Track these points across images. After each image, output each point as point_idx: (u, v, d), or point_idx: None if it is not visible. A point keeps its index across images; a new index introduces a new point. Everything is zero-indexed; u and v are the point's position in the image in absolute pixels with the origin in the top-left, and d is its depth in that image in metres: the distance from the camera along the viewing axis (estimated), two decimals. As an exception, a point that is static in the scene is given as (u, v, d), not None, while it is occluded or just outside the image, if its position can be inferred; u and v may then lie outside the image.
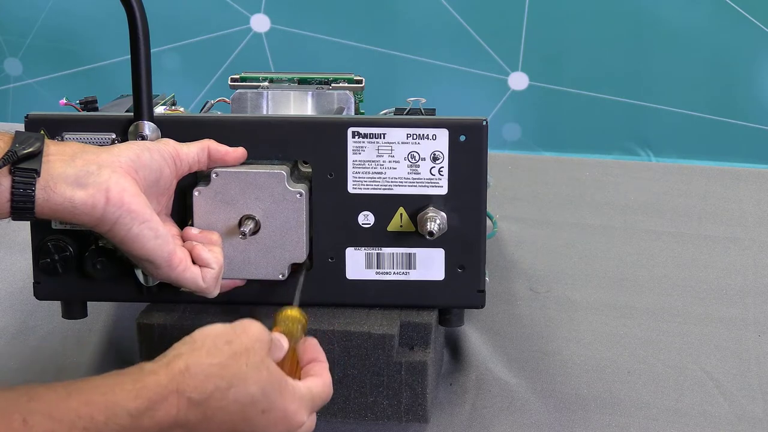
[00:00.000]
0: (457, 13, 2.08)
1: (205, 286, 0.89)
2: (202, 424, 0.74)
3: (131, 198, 0.83)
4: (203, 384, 0.74)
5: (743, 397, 1.01)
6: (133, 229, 0.84)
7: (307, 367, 0.84)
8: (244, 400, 0.75)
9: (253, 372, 0.76)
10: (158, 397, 0.72)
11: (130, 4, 0.89)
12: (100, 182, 0.82)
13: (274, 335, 0.82)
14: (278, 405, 0.77)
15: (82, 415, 0.70)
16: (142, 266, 0.89)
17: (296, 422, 0.79)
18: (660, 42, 2.03)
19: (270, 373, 0.77)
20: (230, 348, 0.76)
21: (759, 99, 2.02)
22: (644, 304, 1.16)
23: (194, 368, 0.74)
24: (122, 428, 0.71)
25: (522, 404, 1.01)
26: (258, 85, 1.10)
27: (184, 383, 0.73)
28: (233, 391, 0.75)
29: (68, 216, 0.82)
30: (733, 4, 1.97)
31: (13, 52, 2.43)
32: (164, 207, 0.92)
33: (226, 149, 0.93)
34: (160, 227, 0.86)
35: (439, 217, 0.94)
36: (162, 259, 0.86)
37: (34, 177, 0.81)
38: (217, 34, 2.23)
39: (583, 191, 1.45)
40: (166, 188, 0.90)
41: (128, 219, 0.83)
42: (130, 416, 0.71)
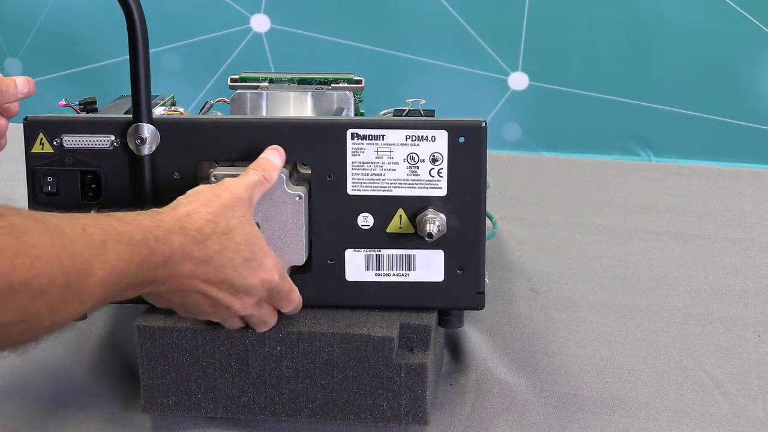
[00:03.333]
0: (457, 13, 2.08)
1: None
2: (202, 265, 0.85)
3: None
4: (203, 226, 0.85)
5: (743, 397, 1.01)
6: None
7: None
8: (232, 247, 0.86)
9: (239, 224, 0.87)
10: (172, 229, 0.83)
11: (128, 5, 0.89)
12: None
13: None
14: (257, 257, 0.88)
15: (123, 231, 0.78)
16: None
17: (270, 276, 0.89)
18: (660, 42, 2.03)
19: (252, 227, 0.89)
20: (219, 201, 0.87)
21: (759, 99, 2.02)
22: (644, 304, 1.16)
23: (194, 214, 0.85)
24: (152, 250, 0.80)
25: (522, 404, 1.01)
26: (258, 85, 1.10)
27: (187, 224, 0.84)
28: (225, 238, 0.86)
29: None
30: (734, 5, 1.97)
31: (13, 52, 2.43)
32: None
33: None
34: None
35: (439, 218, 0.94)
36: None
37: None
38: (217, 34, 2.24)
39: (583, 191, 1.45)
40: None
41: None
42: (156, 239, 0.80)
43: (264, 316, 0.92)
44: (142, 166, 0.95)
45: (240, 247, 0.87)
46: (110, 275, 0.75)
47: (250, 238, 0.88)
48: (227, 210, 0.87)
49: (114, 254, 0.76)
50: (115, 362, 1.08)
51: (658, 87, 2.06)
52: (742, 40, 1.99)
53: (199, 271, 0.85)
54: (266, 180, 0.92)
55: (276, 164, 0.93)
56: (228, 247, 0.86)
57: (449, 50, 2.11)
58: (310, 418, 0.96)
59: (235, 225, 0.87)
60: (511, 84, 2.11)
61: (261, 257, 0.89)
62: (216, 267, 0.85)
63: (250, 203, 0.90)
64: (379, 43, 2.14)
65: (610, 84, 2.07)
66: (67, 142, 0.95)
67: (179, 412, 0.97)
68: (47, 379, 1.06)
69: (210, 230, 0.85)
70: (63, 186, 0.96)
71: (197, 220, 0.85)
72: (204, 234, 0.85)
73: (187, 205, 0.86)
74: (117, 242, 0.77)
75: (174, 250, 0.82)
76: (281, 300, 0.92)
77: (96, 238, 0.75)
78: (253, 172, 0.92)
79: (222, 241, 0.86)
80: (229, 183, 0.90)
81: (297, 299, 0.94)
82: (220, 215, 0.86)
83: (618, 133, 2.09)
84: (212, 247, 0.85)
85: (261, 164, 0.93)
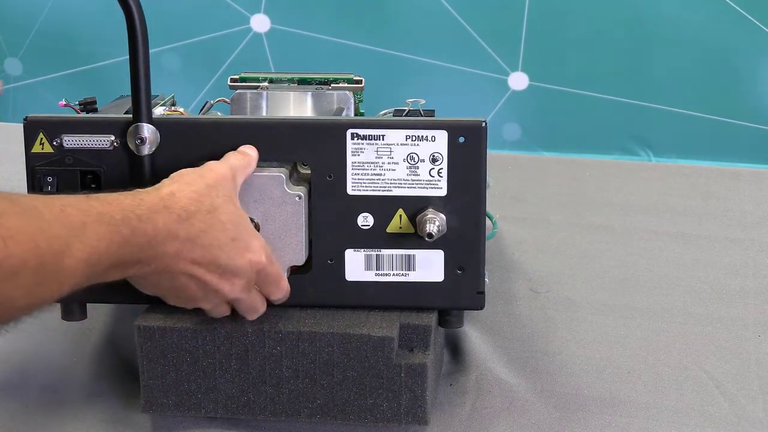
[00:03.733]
0: (457, 13, 2.08)
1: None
2: (188, 243, 0.84)
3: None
4: (187, 205, 0.85)
5: (743, 397, 1.01)
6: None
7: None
8: (218, 225, 0.86)
9: (224, 203, 0.88)
10: (155, 208, 0.83)
11: (128, 5, 0.89)
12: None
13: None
14: (243, 236, 0.88)
15: (104, 212, 0.78)
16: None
17: (257, 258, 0.89)
18: (660, 42, 2.03)
19: (236, 208, 0.89)
20: (204, 181, 0.88)
21: (759, 99, 2.02)
22: (644, 304, 1.16)
23: (178, 193, 0.85)
24: (134, 229, 0.80)
25: (522, 404, 1.01)
26: (258, 85, 1.10)
27: (171, 203, 0.84)
28: (210, 216, 0.86)
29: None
30: (734, 5, 1.97)
31: (13, 52, 2.43)
32: None
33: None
34: None
35: (439, 218, 0.94)
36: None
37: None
38: (217, 34, 2.24)
39: (583, 191, 1.45)
40: None
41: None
42: (138, 219, 0.80)
43: (253, 302, 0.92)
44: (142, 166, 0.95)
45: (225, 227, 0.87)
46: (91, 256, 0.75)
47: (235, 218, 0.88)
48: (211, 189, 0.87)
49: (94, 235, 0.76)
50: (115, 362, 1.08)
51: (658, 87, 2.06)
52: (742, 40, 1.99)
53: (186, 250, 0.85)
54: (247, 164, 0.92)
55: (252, 155, 0.94)
56: (213, 225, 0.86)
57: (449, 50, 2.11)
58: (310, 418, 0.96)
59: (219, 204, 0.87)
60: (511, 84, 2.11)
61: (247, 237, 0.89)
62: (202, 246, 0.85)
63: (234, 184, 0.90)
64: (379, 43, 2.14)
65: (610, 84, 2.07)
66: (67, 142, 0.95)
67: (179, 412, 0.97)
68: (47, 379, 1.06)
69: (195, 208, 0.85)
70: (63, 186, 0.96)
71: (181, 199, 0.85)
72: (189, 212, 0.85)
73: (171, 185, 0.86)
74: (97, 222, 0.77)
75: (158, 230, 0.82)
76: (270, 285, 0.92)
77: (75, 219, 0.75)
78: (235, 154, 0.93)
79: (207, 219, 0.86)
80: (212, 164, 0.91)
81: (285, 286, 0.94)
82: (204, 194, 0.87)
83: (618, 133, 2.09)
84: (197, 225, 0.85)
85: (239, 151, 0.94)
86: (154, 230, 0.82)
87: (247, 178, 0.93)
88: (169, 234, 0.83)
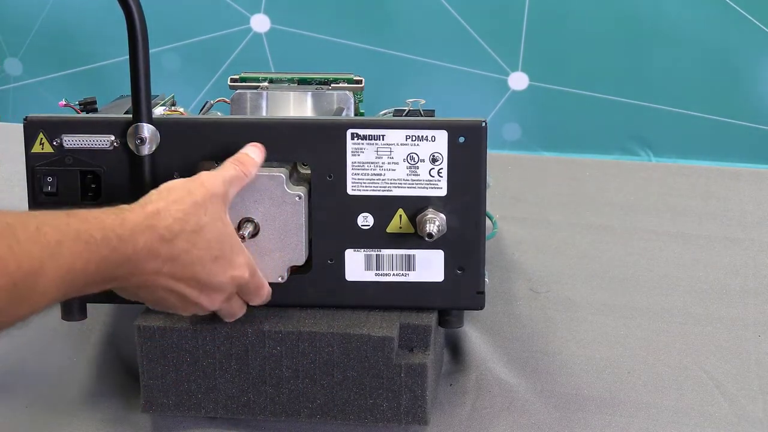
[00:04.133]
0: (457, 13, 2.08)
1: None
2: (169, 262, 0.84)
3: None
4: (172, 225, 0.84)
5: (743, 397, 1.01)
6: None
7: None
8: (202, 244, 0.86)
9: (210, 222, 0.87)
10: (137, 228, 0.82)
11: (128, 5, 0.89)
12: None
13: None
14: (227, 254, 0.88)
15: (82, 231, 0.78)
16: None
17: (240, 274, 0.89)
18: (660, 42, 2.03)
19: (224, 225, 0.88)
20: (192, 198, 0.86)
21: (759, 99, 2.02)
22: (644, 304, 1.16)
23: (164, 212, 0.84)
24: (113, 249, 0.79)
25: (522, 404, 1.01)
26: (258, 85, 1.10)
27: (155, 222, 0.83)
28: (194, 236, 0.85)
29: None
30: (734, 5, 1.97)
31: (13, 52, 2.43)
32: None
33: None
34: None
35: (439, 218, 0.94)
36: None
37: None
38: (217, 34, 2.24)
39: (583, 191, 1.45)
40: None
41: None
42: (118, 239, 0.80)
43: (232, 309, 0.93)
44: (142, 166, 0.95)
45: (210, 245, 0.86)
46: (66, 274, 0.75)
47: (221, 236, 0.88)
48: (199, 208, 0.86)
49: (70, 254, 0.75)
50: (115, 362, 1.08)
51: (658, 87, 2.05)
52: (742, 40, 1.99)
53: (166, 268, 0.84)
54: (245, 175, 0.92)
55: (255, 160, 0.93)
56: (197, 245, 0.86)
57: (449, 50, 2.11)
58: (310, 418, 0.96)
59: (206, 223, 0.86)
60: (511, 84, 2.11)
61: (231, 255, 0.88)
62: (183, 264, 0.85)
63: (225, 199, 0.89)
64: (379, 43, 2.14)
65: (610, 84, 2.07)
66: (67, 142, 0.95)
67: (179, 412, 0.97)
68: (47, 379, 1.06)
69: (179, 228, 0.84)
70: (63, 186, 0.96)
71: (167, 218, 0.84)
72: (173, 232, 0.84)
73: (158, 202, 0.85)
74: (74, 241, 0.76)
75: (138, 250, 0.81)
76: (249, 294, 0.93)
77: (50, 238, 0.74)
78: (232, 166, 0.91)
79: (191, 239, 0.85)
80: (204, 177, 0.89)
81: (265, 294, 0.94)
82: (191, 213, 0.86)
83: (618, 133, 2.09)
84: (180, 245, 0.84)
85: (240, 159, 0.92)
86: (134, 250, 0.81)
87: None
88: (150, 253, 0.83)
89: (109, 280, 0.81)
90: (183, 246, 0.85)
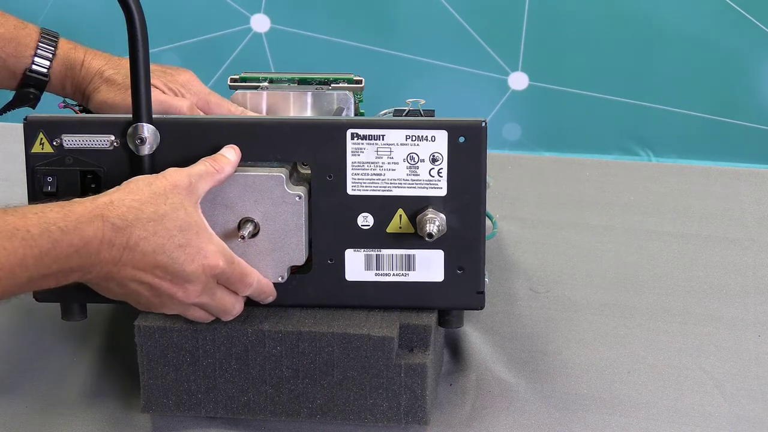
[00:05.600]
0: (457, 13, 2.08)
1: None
2: (127, 251, 0.85)
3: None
4: (125, 213, 0.85)
5: (743, 397, 1.01)
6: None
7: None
8: (162, 233, 0.86)
9: (171, 211, 0.87)
10: (84, 218, 0.83)
11: (128, 5, 0.89)
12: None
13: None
14: (194, 243, 0.88)
15: (19, 227, 0.79)
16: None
17: (212, 263, 0.89)
18: (660, 42, 2.03)
19: (187, 214, 0.88)
20: (150, 189, 0.87)
21: (759, 99, 2.02)
22: (644, 304, 1.16)
23: (117, 202, 0.85)
24: (55, 242, 0.80)
25: (522, 404, 1.01)
26: (258, 85, 1.10)
27: (107, 211, 0.84)
28: (152, 224, 0.86)
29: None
30: (734, 5, 1.97)
31: (13, 52, 2.42)
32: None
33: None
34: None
35: (439, 218, 0.94)
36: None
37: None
38: (217, 34, 2.23)
39: (583, 191, 1.45)
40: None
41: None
42: (60, 231, 0.81)
43: (221, 304, 0.92)
44: (142, 166, 0.95)
45: (171, 233, 0.87)
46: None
47: (185, 225, 0.88)
48: (157, 197, 0.87)
49: (1, 251, 0.77)
50: (115, 362, 1.08)
51: (658, 87, 2.05)
52: (742, 40, 1.99)
53: (125, 257, 0.85)
54: (216, 171, 0.92)
55: (230, 159, 0.93)
56: (156, 233, 0.86)
57: (449, 50, 2.11)
58: (310, 418, 0.96)
59: (165, 212, 0.87)
60: (511, 84, 2.10)
61: (199, 243, 0.88)
62: (144, 253, 0.85)
63: (189, 191, 0.90)
64: (379, 43, 2.14)
65: (610, 84, 2.06)
66: (67, 142, 0.95)
67: (179, 412, 0.97)
68: (47, 379, 1.06)
69: (133, 216, 0.85)
70: (63, 186, 0.96)
71: (120, 207, 0.85)
72: (126, 221, 0.85)
73: (112, 194, 0.87)
74: (7, 239, 0.78)
75: (86, 239, 0.82)
76: (234, 284, 0.92)
77: None
78: (202, 162, 0.92)
79: (149, 227, 0.86)
80: (169, 171, 0.90)
81: (253, 282, 0.93)
82: (147, 202, 0.86)
83: (618, 133, 2.08)
84: (136, 233, 0.85)
85: (213, 157, 0.93)
86: (81, 240, 0.82)
87: (245, 178, 0.93)
88: (102, 243, 0.83)
89: (63, 273, 0.82)
90: (140, 234, 0.85)
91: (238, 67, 2.06)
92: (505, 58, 2.09)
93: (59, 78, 1.08)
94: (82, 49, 1.09)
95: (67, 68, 1.08)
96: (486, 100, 2.12)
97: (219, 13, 2.22)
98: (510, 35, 2.08)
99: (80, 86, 1.08)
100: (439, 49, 2.12)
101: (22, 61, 1.07)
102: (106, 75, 1.06)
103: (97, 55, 1.09)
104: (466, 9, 2.08)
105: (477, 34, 2.09)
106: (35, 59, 1.07)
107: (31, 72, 1.07)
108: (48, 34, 1.09)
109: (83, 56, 1.08)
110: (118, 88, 1.05)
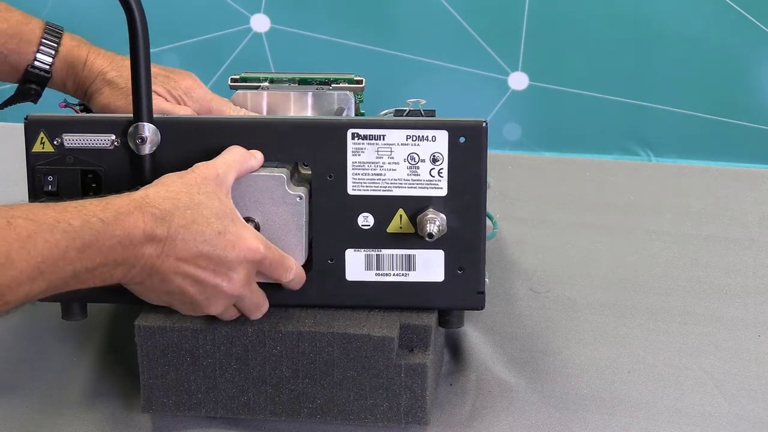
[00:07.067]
0: (457, 13, 2.08)
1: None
2: (169, 241, 0.84)
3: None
4: (162, 203, 0.85)
5: (743, 397, 1.01)
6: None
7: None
8: (200, 220, 0.86)
9: (205, 199, 0.87)
10: (124, 210, 0.83)
11: (129, 5, 0.89)
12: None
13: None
14: (231, 229, 0.87)
15: (60, 220, 0.78)
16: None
17: (253, 246, 0.88)
18: (660, 42, 2.03)
19: (222, 203, 0.88)
20: (182, 181, 0.88)
21: (759, 99, 2.02)
22: (644, 304, 1.16)
23: (153, 195, 0.85)
24: (96, 233, 0.80)
25: (522, 404, 1.01)
26: (258, 85, 1.10)
27: (144, 203, 0.84)
28: (190, 212, 0.85)
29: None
30: (734, 5, 1.97)
31: (13, 52, 2.42)
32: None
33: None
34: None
35: (439, 218, 0.94)
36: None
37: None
38: (217, 34, 2.23)
39: (583, 191, 1.45)
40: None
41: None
42: (102, 222, 0.80)
43: (256, 297, 0.92)
44: (143, 165, 0.95)
45: (209, 221, 0.86)
46: (39, 265, 0.76)
47: (221, 212, 0.88)
48: (191, 187, 0.87)
49: (44, 244, 0.76)
50: (115, 362, 1.08)
51: (658, 87, 2.05)
52: (742, 40, 1.99)
53: (167, 248, 0.84)
54: (244, 159, 0.92)
55: (258, 158, 0.93)
56: (195, 221, 0.86)
57: (449, 50, 2.11)
58: (310, 418, 0.96)
59: (201, 200, 0.87)
60: (511, 84, 2.10)
61: (237, 230, 0.88)
62: (185, 241, 0.85)
63: (220, 181, 0.90)
64: (379, 43, 2.14)
65: (610, 84, 2.06)
66: (67, 142, 0.95)
67: (179, 412, 0.97)
68: (47, 379, 1.06)
69: (171, 206, 0.85)
70: (63, 185, 0.96)
71: (156, 199, 0.85)
72: (165, 210, 0.84)
73: (147, 189, 0.87)
74: (49, 232, 0.77)
75: (127, 230, 0.82)
76: (276, 269, 0.92)
77: (21, 231, 0.75)
78: (231, 151, 0.92)
79: (187, 215, 0.85)
80: (198, 165, 0.91)
81: (292, 265, 0.93)
82: (181, 192, 0.86)
83: (618, 133, 2.08)
84: (176, 221, 0.85)
85: (239, 149, 0.93)
86: (123, 231, 0.82)
87: (247, 178, 0.93)
88: (143, 234, 0.83)
89: (108, 267, 0.81)
90: (179, 222, 0.85)
91: (239, 67, 2.06)
92: (505, 58, 2.09)
93: (61, 75, 1.08)
94: (86, 47, 1.09)
95: (69, 66, 1.07)
96: (486, 100, 2.12)
97: (219, 13, 2.22)
98: (510, 35, 2.08)
99: (82, 85, 1.08)
100: (439, 49, 2.12)
101: (24, 56, 1.07)
102: (109, 77, 1.06)
103: (101, 55, 1.08)
104: (466, 9, 2.08)
105: (477, 34, 2.09)
106: (37, 56, 1.07)
107: (32, 68, 1.07)
108: (52, 30, 1.09)
109: (86, 55, 1.08)
110: (120, 92, 1.05)
